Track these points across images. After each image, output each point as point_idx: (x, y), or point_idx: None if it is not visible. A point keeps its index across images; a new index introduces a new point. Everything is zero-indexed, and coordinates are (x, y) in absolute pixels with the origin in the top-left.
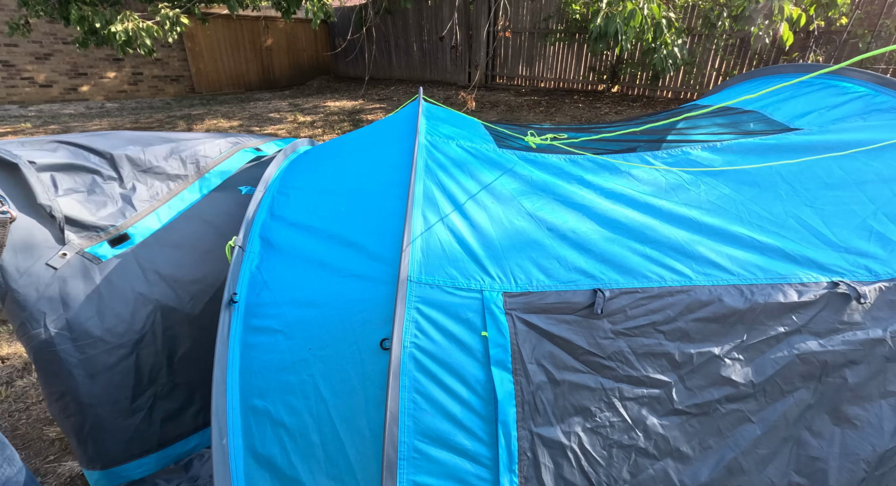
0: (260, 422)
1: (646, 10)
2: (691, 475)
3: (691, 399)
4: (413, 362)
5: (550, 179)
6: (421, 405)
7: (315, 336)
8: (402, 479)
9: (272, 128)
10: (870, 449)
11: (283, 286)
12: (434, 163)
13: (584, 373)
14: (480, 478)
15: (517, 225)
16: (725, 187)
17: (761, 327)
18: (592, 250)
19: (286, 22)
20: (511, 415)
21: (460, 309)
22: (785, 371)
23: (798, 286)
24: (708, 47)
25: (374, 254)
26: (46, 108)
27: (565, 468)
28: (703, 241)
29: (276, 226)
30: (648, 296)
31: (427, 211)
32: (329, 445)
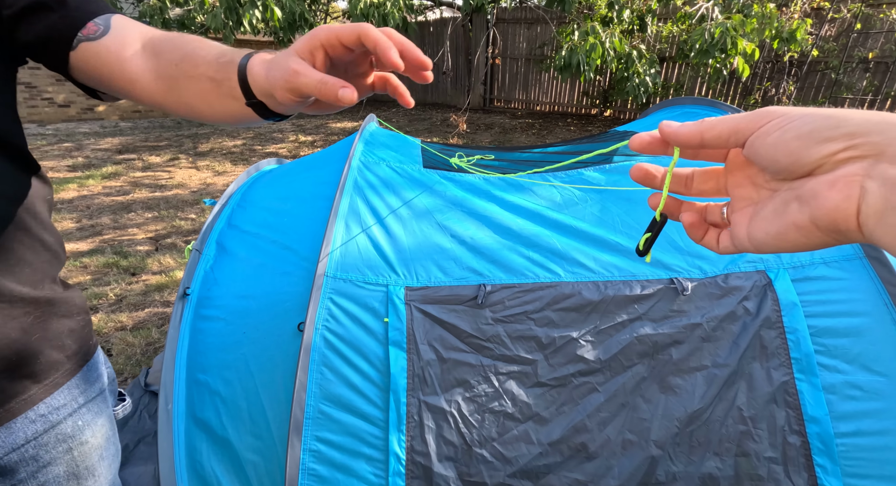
0: (200, 392)
1: (608, 44)
2: (546, 433)
3: (552, 374)
4: (323, 341)
5: (462, 194)
6: (327, 376)
7: (249, 322)
8: (306, 434)
9: (274, 147)
10: (683, 411)
11: (229, 283)
12: (363, 181)
13: (467, 352)
14: (373, 435)
15: (426, 233)
16: (607, 202)
17: (610, 316)
18: (485, 253)
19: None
20: (402, 385)
21: (367, 299)
22: (626, 350)
23: (643, 282)
24: (692, 75)
25: (302, 255)
26: (63, 126)
27: (445, 429)
28: (578, 246)
29: (231, 233)
30: (523, 290)
31: (350, 221)
32: (253, 410)
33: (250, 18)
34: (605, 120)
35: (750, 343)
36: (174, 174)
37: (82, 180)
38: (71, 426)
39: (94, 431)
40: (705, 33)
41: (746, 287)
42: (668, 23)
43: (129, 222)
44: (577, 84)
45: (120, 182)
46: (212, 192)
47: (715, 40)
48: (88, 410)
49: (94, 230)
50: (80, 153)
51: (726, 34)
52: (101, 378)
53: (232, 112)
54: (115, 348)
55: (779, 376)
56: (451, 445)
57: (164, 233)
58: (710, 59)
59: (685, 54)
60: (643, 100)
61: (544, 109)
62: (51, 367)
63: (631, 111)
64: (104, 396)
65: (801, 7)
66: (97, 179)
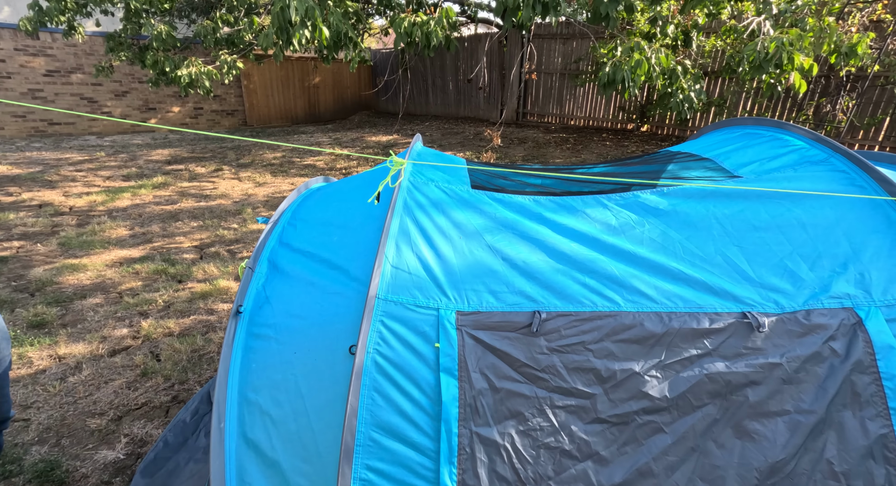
0: (251, 412)
1: (654, 60)
2: (607, 475)
3: (613, 410)
4: (374, 366)
5: (512, 216)
6: (378, 402)
7: (300, 342)
8: (357, 462)
9: (311, 159)
10: (762, 460)
11: (280, 301)
12: (413, 202)
13: (521, 382)
14: (424, 467)
15: (477, 255)
16: (666, 227)
17: (676, 350)
18: (538, 278)
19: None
20: (454, 415)
21: (418, 323)
22: (695, 389)
23: (712, 315)
24: (737, 90)
25: (353, 276)
26: (119, 138)
27: (498, 463)
28: (637, 273)
29: (282, 252)
30: (580, 319)
31: (401, 242)
32: (303, 432)
33: (300, 38)
34: (641, 135)
35: (840, 389)
36: (218, 185)
37: (135, 190)
38: None
39: None
40: (758, 48)
41: (832, 326)
42: (712, 37)
43: (177, 231)
44: (612, 99)
45: (168, 192)
46: (253, 202)
47: (769, 55)
48: None
49: (145, 238)
50: (134, 164)
51: (782, 49)
52: None
53: None
54: (163, 353)
55: (875, 427)
56: (505, 481)
57: (208, 242)
58: (764, 74)
59: (732, 69)
60: (687, 115)
61: (578, 124)
62: None
63: (669, 127)
64: None
65: (858, 20)
66: (148, 188)
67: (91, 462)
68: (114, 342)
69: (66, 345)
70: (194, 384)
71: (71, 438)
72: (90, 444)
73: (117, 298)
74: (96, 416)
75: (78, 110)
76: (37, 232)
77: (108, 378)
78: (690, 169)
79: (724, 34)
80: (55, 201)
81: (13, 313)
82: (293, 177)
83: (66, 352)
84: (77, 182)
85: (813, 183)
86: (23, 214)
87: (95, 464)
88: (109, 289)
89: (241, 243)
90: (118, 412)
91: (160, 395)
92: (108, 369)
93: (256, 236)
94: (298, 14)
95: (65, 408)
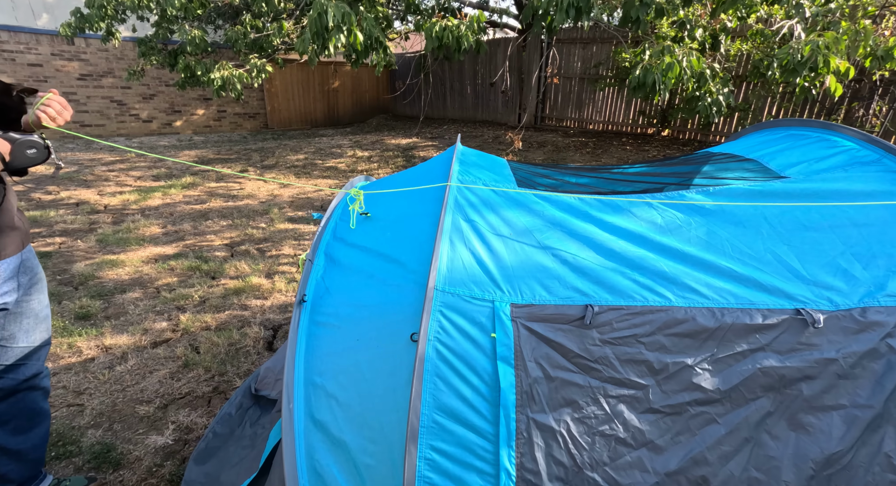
0: (317, 394)
1: (685, 63)
2: (662, 462)
3: (665, 401)
4: (435, 353)
5: (560, 214)
6: (440, 387)
7: (362, 330)
8: (422, 442)
9: (333, 161)
10: (818, 452)
11: (340, 291)
12: (463, 199)
13: (575, 372)
14: (484, 449)
15: (528, 252)
16: (714, 226)
17: (729, 344)
18: (589, 274)
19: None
20: (511, 401)
21: (475, 314)
22: (748, 382)
23: (764, 311)
24: (763, 94)
25: (410, 268)
26: (146, 139)
27: (555, 448)
28: (686, 270)
29: (337, 246)
30: (632, 313)
31: (454, 238)
32: (368, 414)
33: (335, 42)
34: (662, 140)
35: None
36: (244, 185)
37: (165, 190)
38: None
39: None
40: (792, 51)
41: (890, 323)
42: (738, 40)
43: (207, 229)
44: (632, 103)
45: (197, 192)
46: (279, 203)
47: (804, 58)
48: None
49: (177, 236)
50: (163, 164)
51: (817, 52)
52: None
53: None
54: (202, 346)
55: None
56: (562, 465)
57: (238, 240)
58: (798, 77)
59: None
60: (715, 119)
61: (597, 128)
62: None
63: (691, 131)
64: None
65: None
66: (178, 188)
67: (142, 446)
68: (155, 334)
69: (112, 336)
70: (233, 377)
71: (122, 423)
72: (140, 429)
73: (155, 292)
74: (144, 403)
75: (107, 112)
76: (76, 229)
77: (152, 368)
78: (734, 170)
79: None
80: (91, 200)
81: (60, 304)
82: (316, 178)
83: (111, 343)
84: (110, 182)
85: (865, 184)
86: (62, 212)
87: (147, 448)
88: (147, 284)
89: (270, 242)
90: (164, 400)
91: (202, 385)
92: (151, 359)
93: (284, 235)
94: (335, 19)
95: (115, 395)
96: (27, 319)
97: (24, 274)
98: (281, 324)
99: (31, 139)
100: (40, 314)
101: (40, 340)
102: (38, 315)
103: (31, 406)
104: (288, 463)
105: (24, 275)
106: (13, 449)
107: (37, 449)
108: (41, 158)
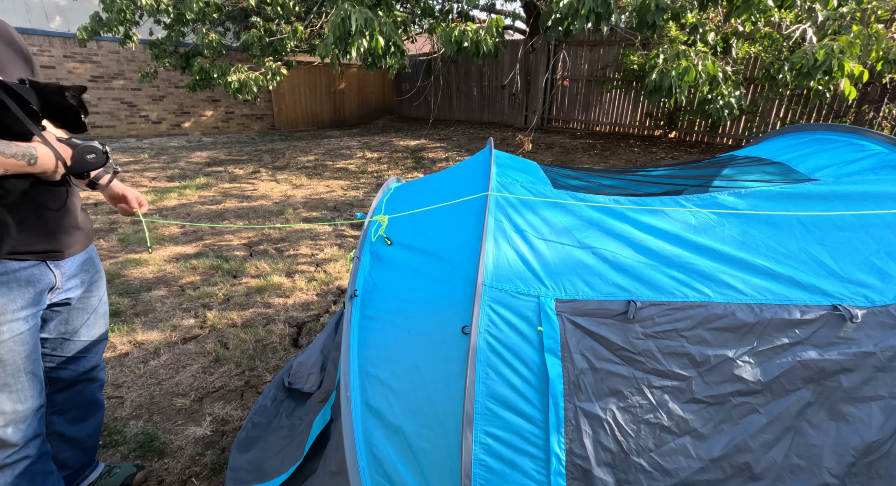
0: (372, 383)
1: (700, 67)
2: (706, 449)
3: (708, 391)
4: (486, 344)
5: (597, 215)
6: (491, 376)
7: (413, 324)
8: (477, 428)
9: (343, 162)
10: (859, 440)
11: (388, 287)
12: (504, 200)
13: (619, 364)
14: (534, 435)
15: (568, 250)
16: (747, 226)
17: (769, 338)
18: (629, 271)
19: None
20: (559, 390)
21: (521, 309)
22: (788, 374)
23: (802, 307)
24: (771, 97)
25: (456, 266)
26: (157, 141)
27: (602, 435)
28: (723, 268)
29: (381, 244)
30: (673, 308)
31: (498, 237)
32: (422, 402)
33: (358, 46)
34: (669, 142)
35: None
36: (258, 186)
37: (181, 190)
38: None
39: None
40: (806, 55)
41: None
42: (746, 44)
43: (225, 229)
44: (639, 105)
45: (212, 192)
46: (293, 203)
47: (818, 62)
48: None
49: (196, 236)
50: (176, 165)
51: (831, 56)
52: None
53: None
54: (230, 342)
55: None
56: (609, 451)
57: (255, 240)
58: (812, 81)
59: (771, 76)
60: (727, 121)
61: (604, 130)
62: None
63: (698, 134)
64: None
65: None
66: (193, 189)
67: (183, 437)
68: (184, 331)
69: (143, 332)
70: (263, 371)
71: (161, 415)
72: (179, 421)
73: (179, 290)
74: (180, 396)
75: (117, 113)
76: (98, 228)
77: (185, 363)
78: (763, 172)
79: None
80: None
81: None
82: (328, 179)
83: (143, 339)
84: (126, 182)
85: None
86: None
87: (187, 438)
88: (171, 282)
89: (287, 242)
90: (199, 393)
91: (234, 380)
92: (183, 354)
93: (300, 236)
94: (357, 24)
95: (151, 388)
96: (89, 314)
97: (87, 272)
98: (305, 321)
99: (90, 145)
100: (100, 310)
101: (99, 334)
102: (98, 311)
103: (89, 397)
104: (348, 447)
105: (87, 272)
106: (71, 437)
107: (91, 438)
108: (100, 162)
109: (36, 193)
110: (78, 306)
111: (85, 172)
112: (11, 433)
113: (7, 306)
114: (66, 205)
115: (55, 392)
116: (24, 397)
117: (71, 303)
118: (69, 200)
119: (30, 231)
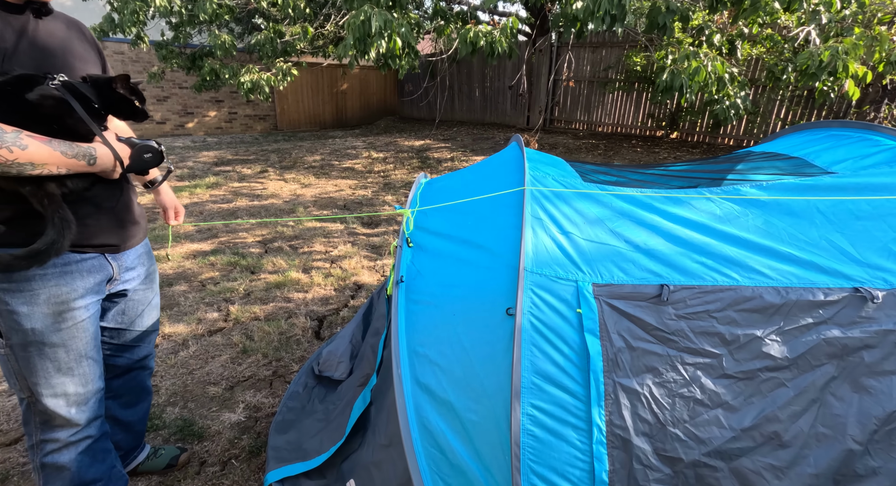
0: (421, 362)
1: (710, 67)
2: (737, 420)
3: (738, 367)
4: (530, 325)
5: (626, 206)
6: (536, 354)
7: (458, 306)
8: (524, 401)
9: (349, 162)
10: (880, 410)
11: (431, 274)
12: (539, 193)
13: (654, 343)
14: (577, 408)
15: (602, 238)
16: (770, 216)
17: (794, 318)
18: (660, 258)
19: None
20: (599, 366)
21: (561, 292)
22: (813, 350)
23: (825, 290)
24: (773, 97)
25: (497, 253)
26: (162, 141)
27: (639, 408)
28: (750, 255)
29: (420, 234)
30: (703, 291)
31: (535, 226)
32: (470, 378)
33: (377, 47)
34: (671, 142)
35: None
36: (267, 185)
37: (191, 189)
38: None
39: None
40: (812, 56)
41: None
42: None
43: (238, 227)
44: (641, 106)
45: (222, 191)
46: (303, 202)
47: (824, 64)
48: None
49: (210, 233)
50: (184, 165)
51: (836, 57)
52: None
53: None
54: (255, 334)
55: None
56: (646, 422)
57: (269, 238)
58: (817, 82)
59: (775, 77)
60: (733, 122)
61: (606, 131)
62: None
63: (699, 134)
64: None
65: None
66: (203, 188)
67: (219, 422)
68: (209, 324)
69: (170, 325)
70: (289, 362)
71: (195, 402)
72: (213, 407)
73: (200, 286)
74: (212, 385)
75: None
76: None
77: (213, 354)
78: (782, 167)
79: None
80: None
81: None
82: (335, 179)
83: (171, 331)
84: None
85: None
86: None
87: (223, 424)
88: (191, 278)
89: (301, 239)
90: (229, 382)
91: (262, 370)
92: (211, 346)
93: (313, 233)
94: (377, 26)
95: (184, 378)
96: (144, 305)
97: (143, 264)
98: (325, 315)
99: (148, 144)
100: (154, 302)
101: (152, 324)
102: (151, 302)
103: (141, 384)
104: (403, 420)
105: (143, 265)
106: (124, 421)
107: (141, 422)
108: (156, 161)
109: (96, 190)
110: (134, 297)
111: (143, 170)
112: (75, 414)
113: (69, 295)
114: (123, 201)
115: (111, 378)
116: (86, 380)
117: (128, 294)
118: (127, 195)
119: (90, 226)
